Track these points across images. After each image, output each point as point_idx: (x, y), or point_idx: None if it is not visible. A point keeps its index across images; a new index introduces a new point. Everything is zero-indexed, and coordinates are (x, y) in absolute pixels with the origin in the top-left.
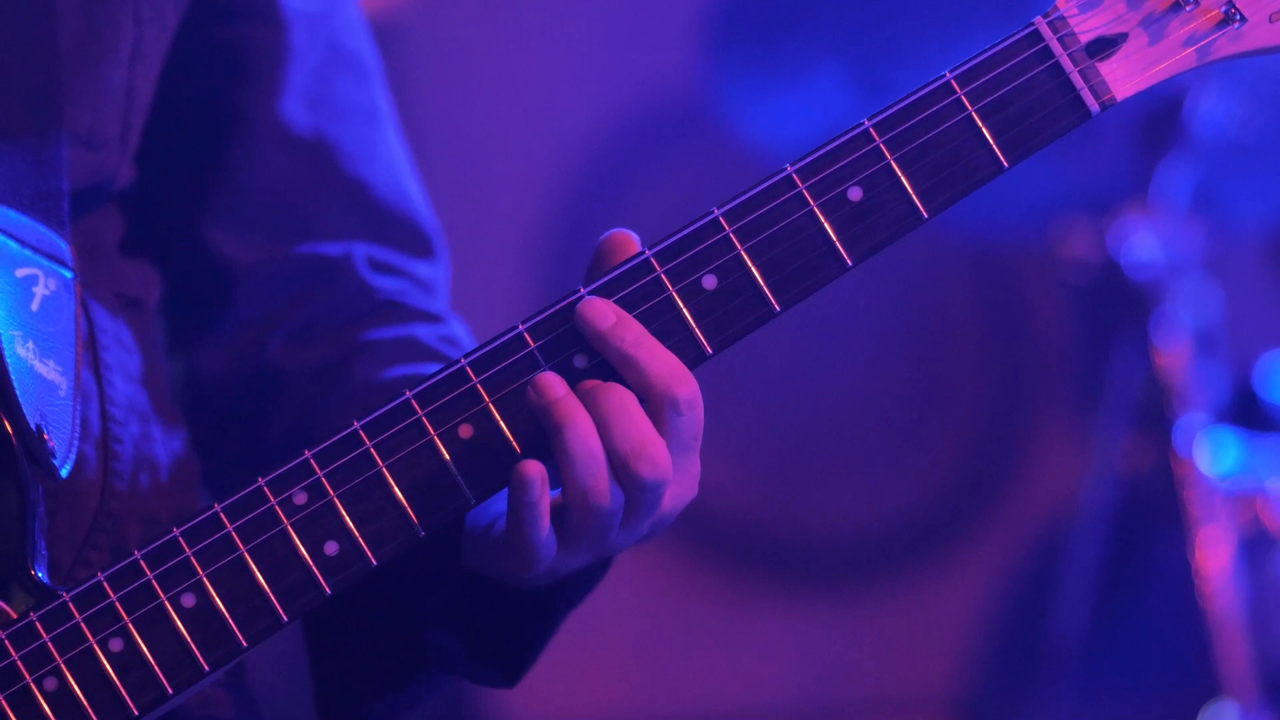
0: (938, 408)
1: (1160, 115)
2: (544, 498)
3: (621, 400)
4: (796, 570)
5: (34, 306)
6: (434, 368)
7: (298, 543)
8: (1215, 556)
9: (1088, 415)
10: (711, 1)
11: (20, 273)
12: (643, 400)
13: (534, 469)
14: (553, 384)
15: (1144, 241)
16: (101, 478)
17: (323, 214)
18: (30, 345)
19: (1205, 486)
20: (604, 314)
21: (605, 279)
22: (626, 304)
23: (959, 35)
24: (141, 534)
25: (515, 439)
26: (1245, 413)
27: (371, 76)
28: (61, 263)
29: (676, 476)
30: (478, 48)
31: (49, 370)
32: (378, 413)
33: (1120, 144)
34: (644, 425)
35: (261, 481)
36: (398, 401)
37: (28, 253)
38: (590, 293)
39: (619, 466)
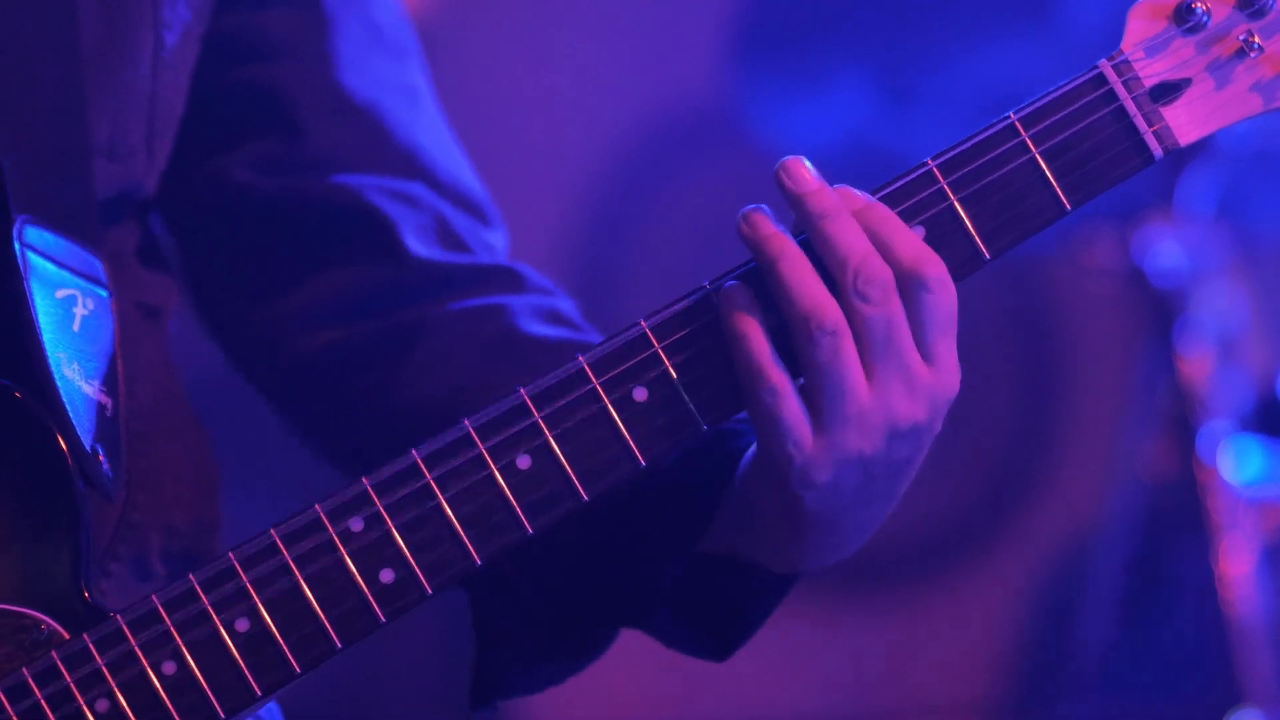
0: (962, 415)
1: None
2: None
3: (837, 222)
4: (823, 578)
5: (75, 327)
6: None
7: (354, 571)
8: (1239, 564)
9: (1112, 422)
10: (737, 9)
11: (60, 294)
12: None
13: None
14: (762, 220)
15: (1168, 249)
16: (125, 489)
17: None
18: (75, 367)
19: (1229, 494)
20: (854, 193)
21: None
22: None
23: (981, 43)
24: (162, 545)
25: (574, 471)
26: (1269, 420)
27: (410, 56)
28: (98, 281)
29: (935, 365)
30: (504, 56)
31: (94, 391)
32: (438, 444)
33: None
34: (859, 240)
35: (319, 508)
36: (458, 434)
37: (66, 274)
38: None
39: (839, 283)
